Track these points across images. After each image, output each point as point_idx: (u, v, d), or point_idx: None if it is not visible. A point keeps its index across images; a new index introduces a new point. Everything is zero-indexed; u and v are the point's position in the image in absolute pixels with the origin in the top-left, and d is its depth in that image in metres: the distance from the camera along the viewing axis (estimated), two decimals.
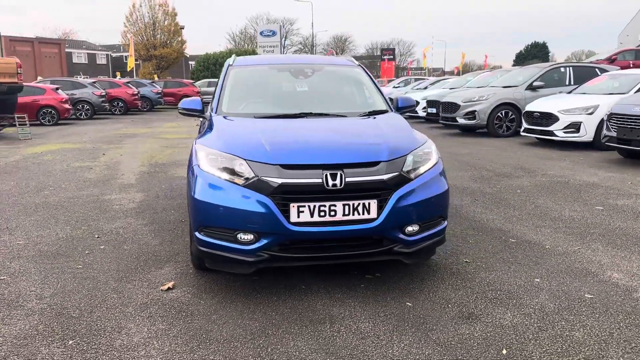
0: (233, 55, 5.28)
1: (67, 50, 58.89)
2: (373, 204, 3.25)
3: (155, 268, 4.06)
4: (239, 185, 3.25)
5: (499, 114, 12.69)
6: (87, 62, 62.90)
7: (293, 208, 3.17)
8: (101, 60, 65.03)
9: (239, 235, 3.25)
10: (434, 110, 15.70)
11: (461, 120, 13.11)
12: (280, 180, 3.18)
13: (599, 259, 4.22)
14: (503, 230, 5.01)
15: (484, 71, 21.33)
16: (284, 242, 3.26)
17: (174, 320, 3.19)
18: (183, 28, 39.26)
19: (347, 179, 3.22)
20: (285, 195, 3.18)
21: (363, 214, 3.24)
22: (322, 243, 3.33)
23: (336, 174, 3.22)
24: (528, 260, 4.21)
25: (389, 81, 32.08)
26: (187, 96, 29.53)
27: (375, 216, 3.25)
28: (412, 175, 3.43)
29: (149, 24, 37.84)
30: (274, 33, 45.72)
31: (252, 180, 3.23)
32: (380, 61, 49.07)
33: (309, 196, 3.20)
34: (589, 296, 3.52)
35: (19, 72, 13.34)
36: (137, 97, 25.26)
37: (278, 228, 3.16)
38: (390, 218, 3.27)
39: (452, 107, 13.40)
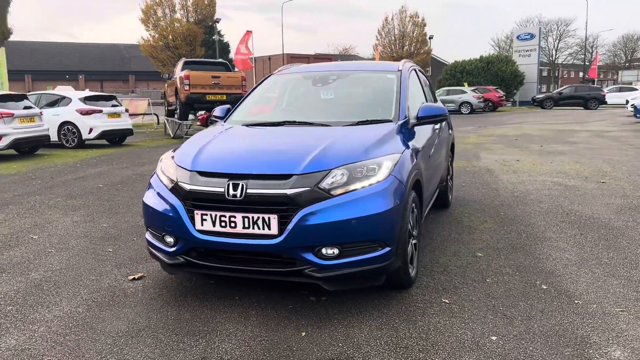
0: (290, 65, 5.56)
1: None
2: (273, 219, 3.09)
3: None
4: (167, 189, 3.45)
5: None
6: None
7: (197, 215, 3.24)
8: None
9: (165, 237, 3.45)
10: None
11: None
12: (189, 187, 3.30)
13: None
14: None
15: None
16: (197, 249, 3.32)
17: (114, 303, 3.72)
18: (432, 38, 39.78)
19: (248, 191, 3.14)
20: (193, 201, 3.27)
21: (263, 229, 3.11)
22: (230, 254, 3.28)
23: (238, 184, 3.17)
24: None
25: None
26: None
27: (276, 233, 3.09)
28: (335, 192, 3.13)
29: (399, 36, 39.40)
30: (532, 36, 43.18)
31: (173, 185, 3.41)
32: None
33: (211, 205, 3.22)
34: None
35: (244, 84, 15.85)
36: None
37: (185, 234, 3.27)
38: (294, 236, 3.06)
39: None
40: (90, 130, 13.86)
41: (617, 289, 3.68)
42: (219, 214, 3.19)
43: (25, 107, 12.07)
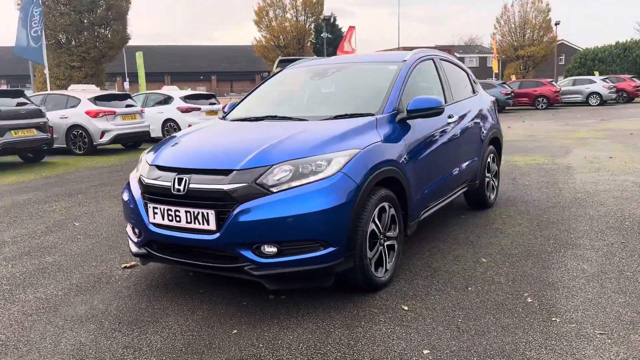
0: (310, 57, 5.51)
1: (460, 55, 63.64)
2: (211, 214, 3.09)
3: None
4: (136, 183, 3.59)
5: None
6: (477, 65, 65.93)
7: (149, 208, 3.36)
8: (471, 62, 67.15)
9: (133, 229, 3.61)
10: None
11: None
12: (146, 180, 3.43)
13: None
14: None
15: None
16: (155, 241, 3.41)
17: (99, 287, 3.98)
18: (558, 24, 36.76)
19: (191, 185, 3.17)
20: (148, 195, 3.39)
21: (203, 224, 3.12)
22: (181, 248, 3.31)
23: (182, 178, 3.22)
24: None
25: None
26: (543, 96, 28.06)
27: (214, 228, 3.09)
28: (276, 188, 3.06)
29: (519, 23, 37.00)
30: None
31: (138, 179, 3.57)
32: None
33: (161, 198, 3.31)
34: None
35: None
36: None
37: (143, 226, 3.40)
38: (231, 233, 3.04)
39: None
40: (189, 125, 14.82)
41: (615, 308, 3.17)
42: (166, 207, 3.27)
43: (127, 106, 13.22)
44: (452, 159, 4.67)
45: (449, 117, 4.62)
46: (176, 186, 3.22)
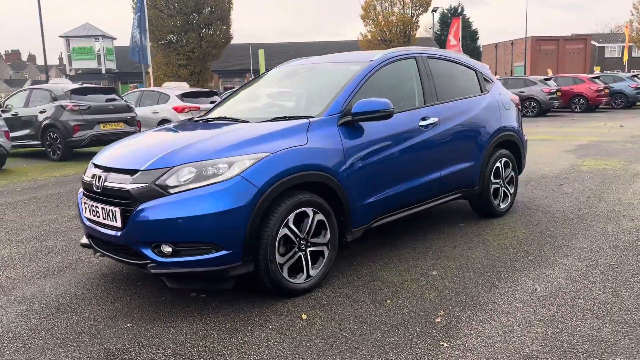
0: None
1: (599, 44, 58.13)
2: (117, 212, 3.26)
3: None
4: None
5: None
6: (619, 55, 59.69)
7: (82, 203, 3.67)
8: (612, 52, 60.50)
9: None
10: None
11: None
12: (83, 177, 3.73)
13: None
14: None
15: None
16: (90, 233, 3.66)
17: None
18: None
19: (105, 183, 3.39)
20: (83, 190, 3.69)
21: (112, 220, 3.31)
22: (105, 242, 3.50)
23: (100, 176, 3.46)
24: None
25: None
26: None
27: (120, 225, 3.26)
28: (174, 190, 3.14)
29: None
30: None
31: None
32: None
33: (88, 194, 3.59)
34: None
35: None
36: (602, 93, 23.15)
37: (81, 219, 3.73)
38: (132, 231, 3.19)
39: None
40: None
41: (523, 340, 2.85)
42: (91, 203, 3.53)
43: (212, 102, 14.02)
44: (426, 163, 4.41)
45: (423, 119, 4.37)
46: (95, 183, 3.47)
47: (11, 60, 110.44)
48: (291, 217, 3.39)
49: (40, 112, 11.52)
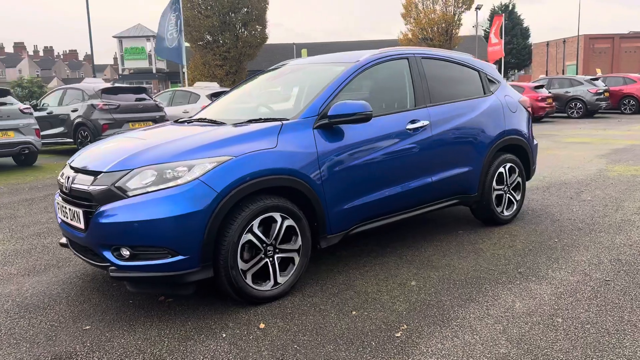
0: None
1: None
2: (81, 214, 3.27)
3: None
4: None
5: None
6: None
7: (56, 204, 3.70)
8: None
9: None
10: None
11: None
12: (59, 177, 3.75)
13: None
14: None
15: None
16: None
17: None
18: None
19: (72, 185, 3.40)
20: (59, 191, 3.72)
21: (78, 222, 3.32)
22: (75, 243, 3.52)
23: (70, 177, 3.47)
24: None
25: None
26: None
27: (83, 227, 3.27)
28: (132, 192, 3.11)
29: None
30: None
31: None
32: None
33: (60, 195, 3.62)
34: None
35: None
36: None
37: (57, 219, 3.78)
38: (92, 233, 3.18)
39: None
40: None
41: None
42: (62, 204, 3.55)
43: None
44: (415, 168, 4.23)
45: (412, 121, 4.20)
46: (65, 184, 3.49)
47: (68, 59, 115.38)
48: (256, 222, 3.30)
49: (73, 111, 11.89)
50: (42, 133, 11.05)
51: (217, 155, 3.24)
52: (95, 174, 3.31)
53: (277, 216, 3.40)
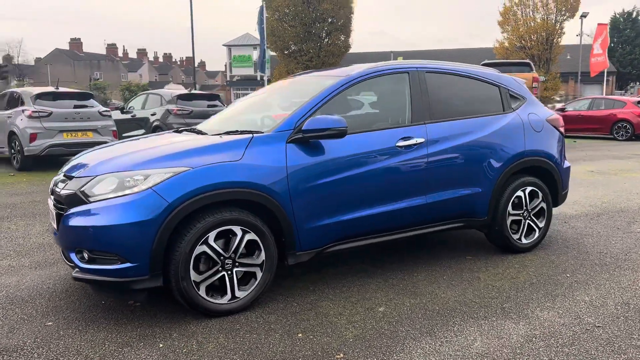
0: None
1: None
2: (57, 216, 3.46)
3: None
4: None
5: None
6: None
7: (49, 204, 3.87)
8: None
9: None
10: None
11: None
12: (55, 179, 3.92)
13: None
14: None
15: None
16: None
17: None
18: None
19: (54, 187, 3.62)
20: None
21: (54, 223, 3.53)
22: None
23: (55, 180, 3.69)
24: None
25: None
26: None
27: (56, 228, 3.46)
28: (93, 198, 3.23)
29: None
30: None
31: None
32: None
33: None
34: None
35: (534, 86, 14.23)
36: None
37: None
38: (60, 235, 3.39)
39: None
40: None
41: None
42: (51, 205, 3.78)
43: None
44: (405, 187, 4.01)
45: (404, 138, 3.99)
46: (51, 186, 3.71)
47: (185, 66, 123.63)
48: (212, 234, 3.30)
49: (152, 115, 12.66)
50: (126, 134, 11.86)
51: (175, 166, 3.29)
52: (70, 178, 3.50)
53: (237, 229, 3.38)
